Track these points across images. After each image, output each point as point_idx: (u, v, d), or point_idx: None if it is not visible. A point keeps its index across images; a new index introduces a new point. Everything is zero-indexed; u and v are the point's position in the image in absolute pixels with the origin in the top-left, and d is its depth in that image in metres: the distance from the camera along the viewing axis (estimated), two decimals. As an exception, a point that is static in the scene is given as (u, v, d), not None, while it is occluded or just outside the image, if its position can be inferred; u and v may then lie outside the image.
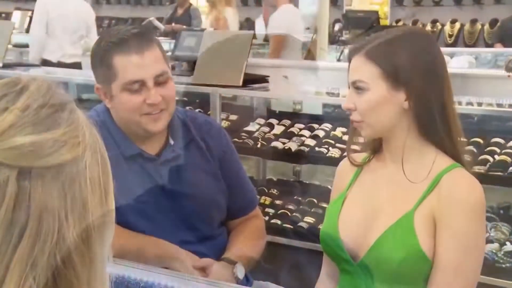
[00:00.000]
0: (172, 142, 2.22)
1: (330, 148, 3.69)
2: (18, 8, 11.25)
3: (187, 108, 4.28)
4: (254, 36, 4.33)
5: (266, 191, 4.00)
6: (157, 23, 6.61)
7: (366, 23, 6.56)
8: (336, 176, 2.05)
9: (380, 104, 1.80)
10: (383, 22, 9.78)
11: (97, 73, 2.19)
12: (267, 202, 3.91)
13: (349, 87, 1.87)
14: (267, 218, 3.79)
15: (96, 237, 0.88)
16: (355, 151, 2.01)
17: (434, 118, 1.79)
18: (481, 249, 1.81)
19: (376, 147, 1.95)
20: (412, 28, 1.98)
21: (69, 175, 0.85)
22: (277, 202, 3.89)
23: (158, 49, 2.13)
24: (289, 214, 3.77)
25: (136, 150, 2.18)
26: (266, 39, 7.21)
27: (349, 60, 1.87)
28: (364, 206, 1.89)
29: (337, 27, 7.76)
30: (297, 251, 3.42)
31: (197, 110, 4.25)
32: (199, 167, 2.26)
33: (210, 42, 3.96)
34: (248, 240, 2.34)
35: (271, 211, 3.83)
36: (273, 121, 4.06)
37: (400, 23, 10.32)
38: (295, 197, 3.87)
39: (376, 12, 7.67)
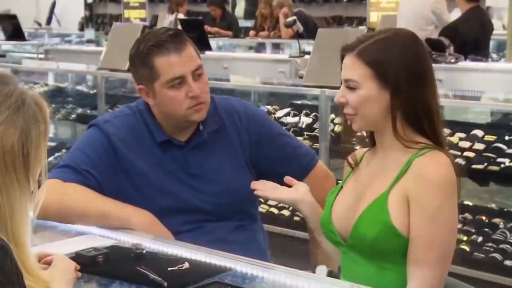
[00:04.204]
0: (201, 127, 2.40)
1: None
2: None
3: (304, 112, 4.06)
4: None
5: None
6: None
7: None
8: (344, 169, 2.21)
9: (369, 101, 1.96)
10: None
11: (138, 75, 2.39)
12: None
13: (341, 83, 2.01)
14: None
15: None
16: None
17: (418, 116, 1.97)
18: (452, 222, 1.95)
19: (371, 141, 2.10)
20: (399, 29, 2.10)
21: None
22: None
23: (192, 47, 2.36)
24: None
25: (166, 136, 2.39)
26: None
27: (342, 57, 2.01)
28: (353, 193, 2.08)
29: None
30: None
31: (313, 114, 4.01)
32: (223, 153, 2.41)
33: (322, 41, 3.70)
34: None
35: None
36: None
37: None
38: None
39: None
